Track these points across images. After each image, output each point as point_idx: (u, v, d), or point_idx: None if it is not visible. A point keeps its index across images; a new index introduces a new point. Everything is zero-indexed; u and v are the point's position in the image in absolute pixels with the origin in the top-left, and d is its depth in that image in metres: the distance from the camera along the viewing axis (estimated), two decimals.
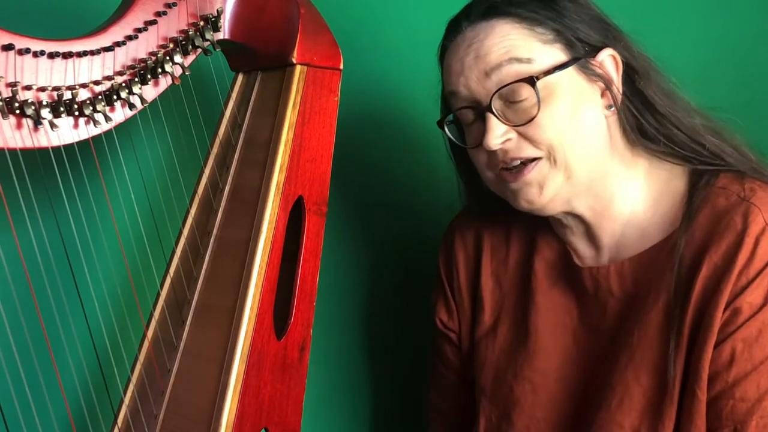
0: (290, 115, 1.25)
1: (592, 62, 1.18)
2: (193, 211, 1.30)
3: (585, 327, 1.25)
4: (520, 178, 1.17)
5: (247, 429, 1.17)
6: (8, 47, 1.00)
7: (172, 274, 1.27)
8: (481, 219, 1.38)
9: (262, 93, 1.31)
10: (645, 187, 1.23)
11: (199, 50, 1.20)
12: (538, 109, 1.14)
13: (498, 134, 1.15)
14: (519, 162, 1.17)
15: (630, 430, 1.16)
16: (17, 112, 1.02)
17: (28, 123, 1.03)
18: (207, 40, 1.20)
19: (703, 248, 1.14)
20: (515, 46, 1.15)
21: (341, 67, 1.31)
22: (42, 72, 1.03)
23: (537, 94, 1.13)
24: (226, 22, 1.23)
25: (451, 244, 1.41)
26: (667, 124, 1.20)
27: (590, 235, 1.25)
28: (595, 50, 1.18)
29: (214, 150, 1.32)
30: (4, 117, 1.01)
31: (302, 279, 1.26)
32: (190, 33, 1.18)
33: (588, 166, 1.18)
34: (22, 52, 1.01)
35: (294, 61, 1.26)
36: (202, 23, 1.20)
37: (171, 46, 1.16)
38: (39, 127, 1.04)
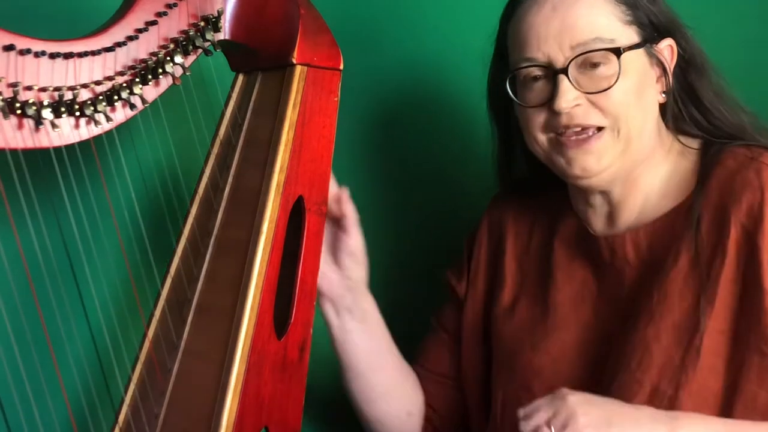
0: (290, 115, 1.25)
1: (656, 48, 1.24)
2: (193, 210, 1.30)
3: (603, 297, 1.29)
4: (582, 145, 1.21)
5: (247, 428, 1.18)
6: (9, 48, 1.00)
7: (172, 274, 1.27)
8: (509, 207, 1.44)
9: (262, 93, 1.31)
10: (665, 163, 1.28)
11: (200, 50, 1.21)
12: (617, 80, 1.18)
13: (570, 98, 1.19)
14: (580, 129, 1.21)
15: (650, 386, 1.19)
16: (18, 112, 1.02)
17: (29, 123, 1.03)
18: (207, 40, 1.20)
19: (723, 208, 1.19)
20: (600, 24, 1.20)
21: (341, 67, 1.31)
22: (43, 72, 1.04)
23: (619, 65, 1.18)
24: (226, 22, 1.24)
25: (479, 225, 1.46)
26: (711, 119, 1.27)
27: (611, 214, 1.30)
28: (660, 37, 1.25)
29: (215, 150, 1.32)
30: (6, 117, 1.01)
31: (302, 279, 1.26)
32: (191, 33, 1.19)
33: (642, 143, 1.24)
34: (23, 52, 1.01)
35: (294, 61, 1.26)
36: (202, 23, 1.20)
37: (171, 46, 1.17)
38: (40, 127, 1.04)
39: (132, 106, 1.13)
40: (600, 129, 1.21)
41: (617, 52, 1.19)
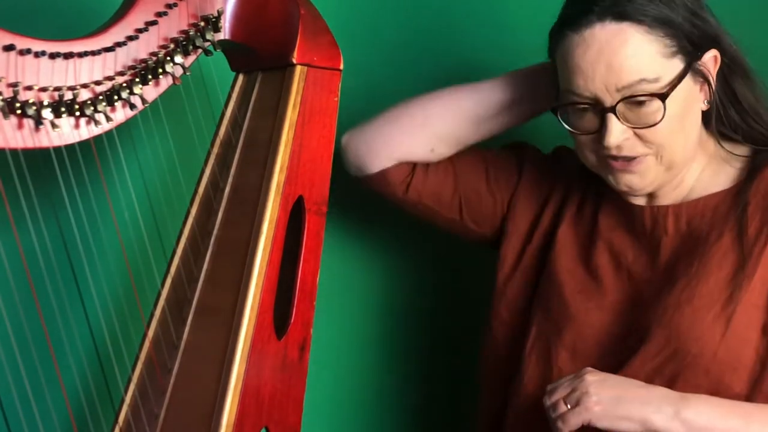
0: (290, 115, 1.25)
1: (699, 63, 1.27)
2: (193, 210, 1.30)
3: (639, 266, 1.35)
4: (627, 167, 1.27)
5: (248, 428, 1.18)
6: (9, 48, 1.00)
7: (172, 274, 1.27)
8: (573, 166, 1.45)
9: (262, 93, 1.31)
10: (710, 163, 1.34)
11: (200, 50, 1.21)
12: (662, 117, 1.23)
13: (619, 134, 1.24)
14: (626, 159, 1.27)
15: (675, 344, 1.25)
16: (18, 112, 1.02)
17: (29, 123, 1.03)
18: (207, 40, 1.20)
19: None
20: (645, 65, 1.22)
21: (341, 67, 1.31)
22: (43, 72, 1.04)
23: (665, 107, 1.22)
24: (226, 22, 1.24)
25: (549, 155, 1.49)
26: (749, 120, 1.32)
27: (652, 201, 1.35)
28: (704, 52, 1.27)
29: (215, 150, 1.32)
30: (6, 117, 1.01)
31: (302, 279, 1.26)
32: (191, 33, 1.19)
33: (685, 158, 1.29)
34: (23, 52, 1.01)
35: (294, 61, 1.26)
36: (202, 23, 1.20)
37: (172, 46, 1.17)
38: (40, 127, 1.04)
39: (132, 106, 1.13)
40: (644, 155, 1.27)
41: (662, 97, 1.22)
